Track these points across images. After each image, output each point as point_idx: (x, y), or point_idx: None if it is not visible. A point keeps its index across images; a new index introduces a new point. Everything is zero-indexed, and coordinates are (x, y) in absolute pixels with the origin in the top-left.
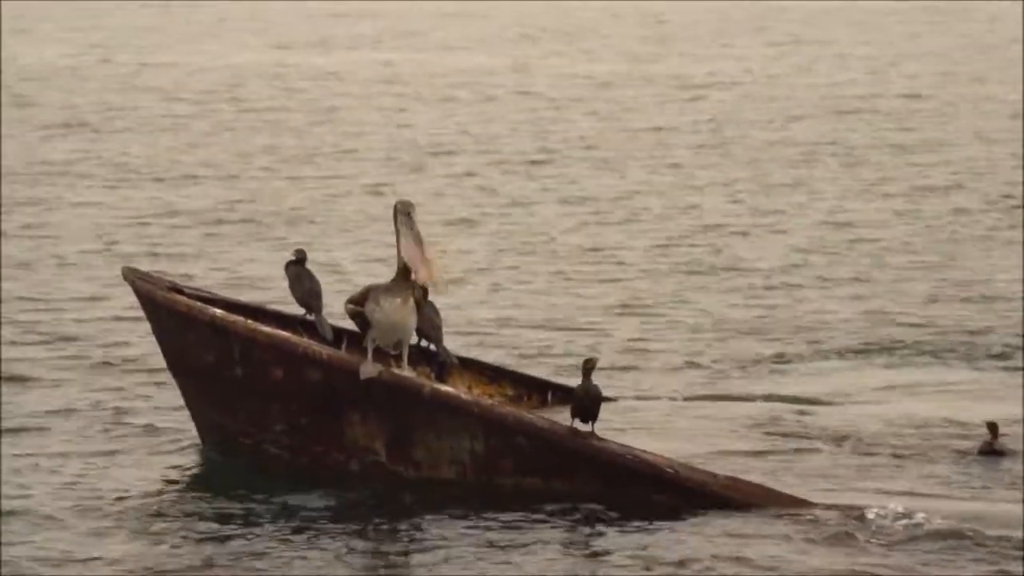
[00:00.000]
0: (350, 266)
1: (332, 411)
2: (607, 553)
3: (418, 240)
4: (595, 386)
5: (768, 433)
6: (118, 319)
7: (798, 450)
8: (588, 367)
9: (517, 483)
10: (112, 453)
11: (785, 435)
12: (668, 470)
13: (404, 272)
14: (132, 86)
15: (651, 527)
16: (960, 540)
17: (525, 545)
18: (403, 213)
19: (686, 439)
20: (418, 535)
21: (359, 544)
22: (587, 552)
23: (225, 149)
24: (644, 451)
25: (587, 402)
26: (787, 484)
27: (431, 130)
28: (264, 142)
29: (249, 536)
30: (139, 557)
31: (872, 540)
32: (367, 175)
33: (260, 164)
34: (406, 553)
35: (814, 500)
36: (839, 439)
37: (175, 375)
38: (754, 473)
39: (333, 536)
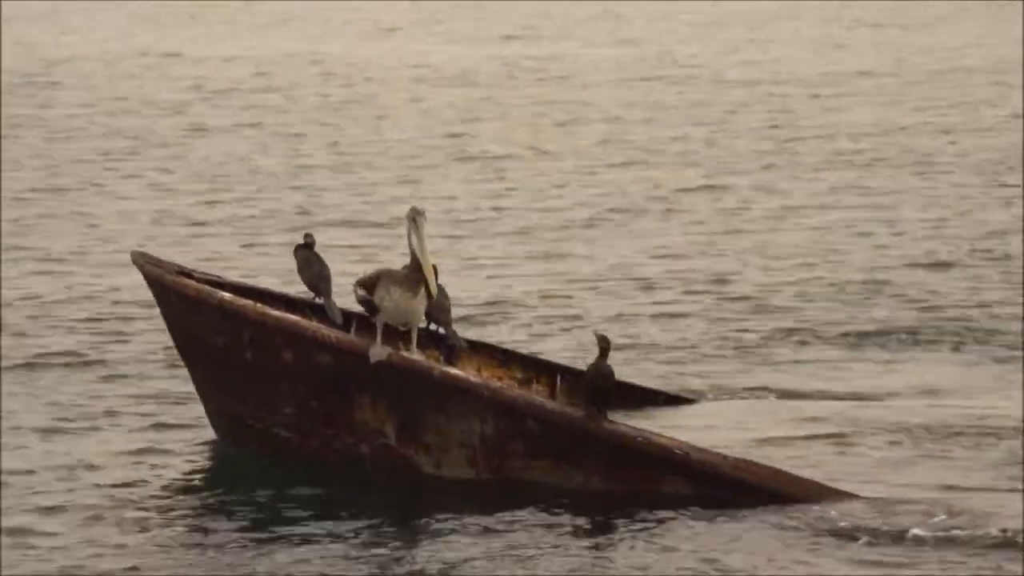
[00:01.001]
0: (362, 251)
1: (342, 394)
2: (615, 549)
3: (420, 251)
4: (608, 366)
5: (812, 427)
6: (130, 307)
7: (839, 444)
8: (603, 346)
9: (527, 466)
10: (120, 440)
11: (830, 429)
12: (678, 452)
13: (417, 264)
14: (155, 78)
15: (660, 519)
16: (974, 538)
17: (534, 541)
18: (410, 219)
19: (727, 433)
20: (427, 527)
21: (369, 538)
22: (596, 547)
23: (250, 141)
24: (655, 433)
25: (599, 381)
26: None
27: (452, 119)
28: (290, 132)
29: (255, 530)
30: (147, 550)
31: (882, 532)
32: (390, 166)
33: (285, 157)
34: (413, 547)
35: (828, 484)
36: (880, 433)
37: (184, 359)
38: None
39: (343, 530)
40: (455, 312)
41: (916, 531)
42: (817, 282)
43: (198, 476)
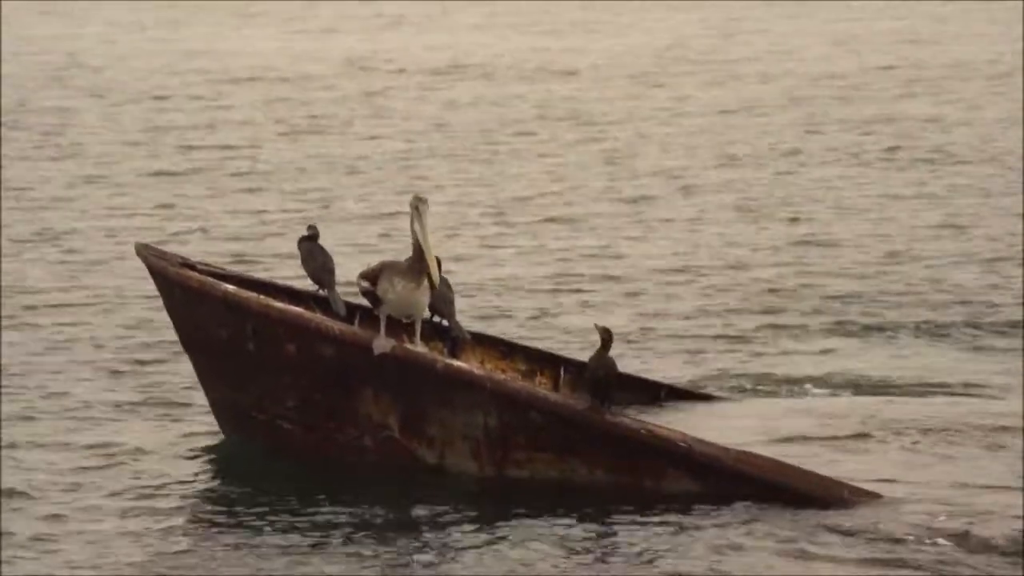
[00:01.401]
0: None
1: (345, 387)
2: (616, 545)
3: (423, 240)
4: (610, 358)
5: (820, 422)
6: (135, 299)
7: (848, 440)
8: (605, 338)
9: (530, 458)
10: (123, 433)
11: (839, 423)
12: (681, 444)
13: (419, 254)
14: (167, 72)
15: (661, 514)
16: (971, 536)
17: (536, 536)
18: (413, 207)
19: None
20: (429, 521)
21: (370, 534)
22: (597, 542)
23: (267, 133)
24: (657, 426)
25: (601, 373)
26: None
27: (469, 111)
28: (308, 124)
29: (257, 527)
30: (148, 549)
31: (884, 526)
32: (407, 159)
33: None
34: (415, 542)
35: (831, 477)
36: (890, 429)
37: (188, 351)
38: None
39: (345, 525)
40: (459, 304)
41: (918, 527)
42: (833, 275)
43: (201, 470)
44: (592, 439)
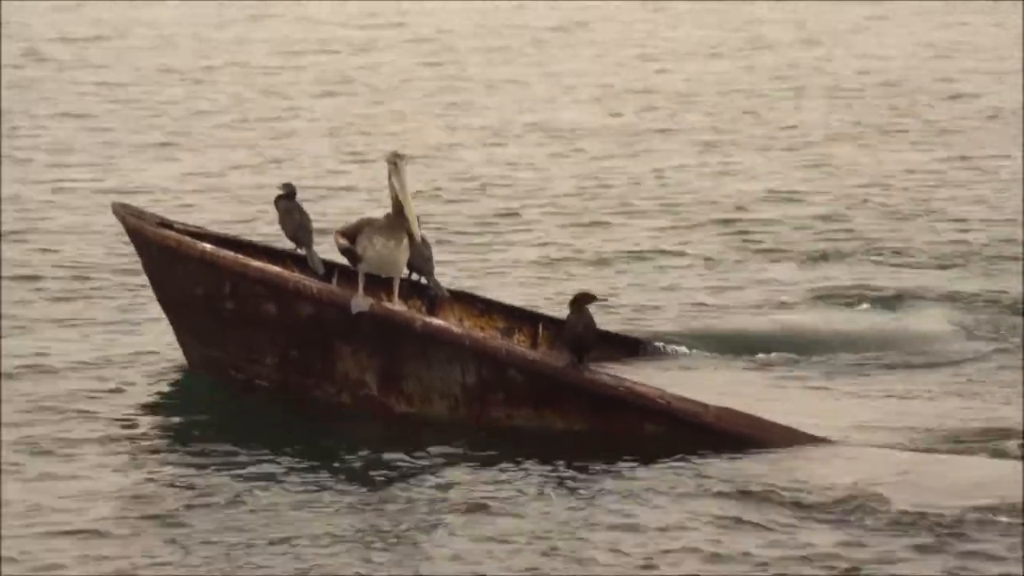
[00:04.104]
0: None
1: (323, 345)
2: (591, 503)
3: (403, 196)
4: (590, 315)
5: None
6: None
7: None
8: (580, 295)
9: (508, 415)
10: (100, 387)
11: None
12: (660, 401)
13: (399, 211)
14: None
15: (638, 470)
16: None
17: (513, 496)
18: (391, 164)
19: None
20: (404, 485)
21: (349, 492)
22: (575, 499)
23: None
24: (636, 382)
25: (580, 327)
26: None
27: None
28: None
29: (234, 482)
30: (121, 498)
31: (857, 476)
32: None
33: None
34: (392, 496)
35: (804, 431)
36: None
37: (165, 310)
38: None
39: (321, 486)
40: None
41: (895, 479)
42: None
43: (179, 427)
44: (571, 396)
